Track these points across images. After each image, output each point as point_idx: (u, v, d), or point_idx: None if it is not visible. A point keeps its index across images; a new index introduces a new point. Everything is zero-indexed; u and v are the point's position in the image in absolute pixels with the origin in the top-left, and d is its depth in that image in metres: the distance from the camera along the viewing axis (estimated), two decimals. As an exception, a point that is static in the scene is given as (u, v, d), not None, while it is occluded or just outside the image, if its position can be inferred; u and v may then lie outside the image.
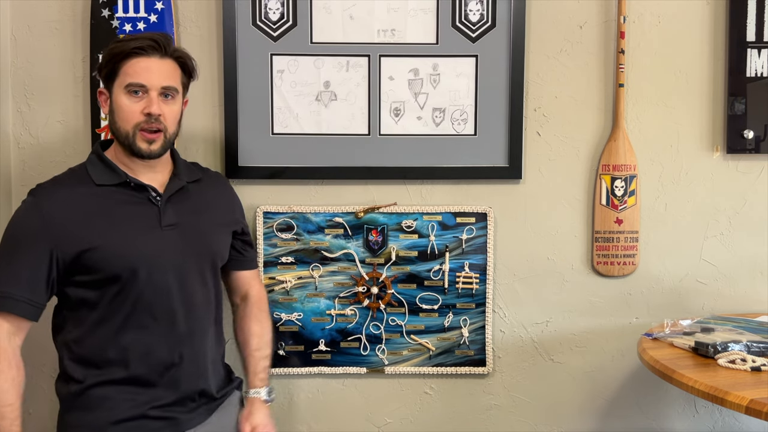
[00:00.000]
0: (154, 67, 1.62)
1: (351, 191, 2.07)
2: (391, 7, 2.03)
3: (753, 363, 1.65)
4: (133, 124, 1.61)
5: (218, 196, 1.84)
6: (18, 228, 1.61)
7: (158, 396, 1.64)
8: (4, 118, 2.02)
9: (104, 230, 1.60)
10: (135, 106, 1.61)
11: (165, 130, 1.64)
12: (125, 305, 1.61)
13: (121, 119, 1.62)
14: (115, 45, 1.63)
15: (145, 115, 1.61)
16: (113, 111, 1.63)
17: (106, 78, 1.64)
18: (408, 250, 2.08)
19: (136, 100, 1.61)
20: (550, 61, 2.08)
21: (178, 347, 1.66)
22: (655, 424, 2.18)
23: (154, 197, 1.67)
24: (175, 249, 1.65)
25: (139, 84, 1.60)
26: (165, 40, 1.64)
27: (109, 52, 1.63)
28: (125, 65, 1.61)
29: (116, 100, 1.62)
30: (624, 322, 2.14)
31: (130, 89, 1.60)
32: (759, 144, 2.10)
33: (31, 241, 1.58)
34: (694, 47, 2.09)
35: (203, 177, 1.81)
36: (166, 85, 1.63)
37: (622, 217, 2.10)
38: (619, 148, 2.08)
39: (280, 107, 2.04)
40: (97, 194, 1.63)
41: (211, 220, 1.77)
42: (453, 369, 2.11)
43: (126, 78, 1.60)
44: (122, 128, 1.62)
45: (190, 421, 1.69)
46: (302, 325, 2.08)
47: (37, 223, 1.58)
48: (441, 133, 2.06)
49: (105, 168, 1.65)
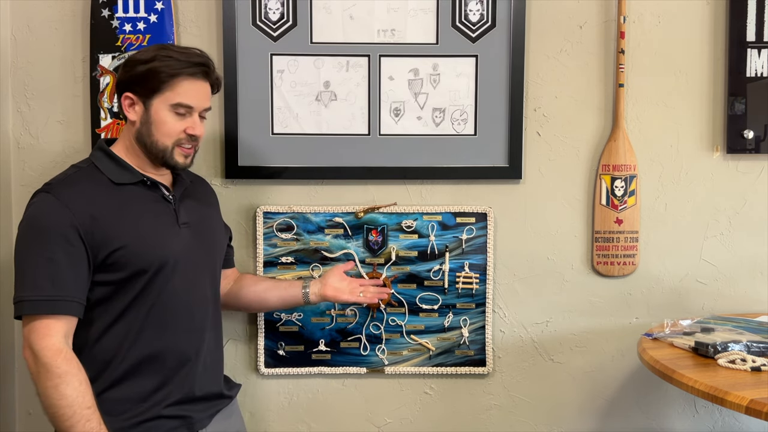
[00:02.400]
0: (202, 90, 1.66)
1: (351, 191, 2.07)
2: (391, 7, 2.03)
3: (753, 363, 1.65)
4: (175, 140, 1.65)
5: (208, 196, 1.88)
6: (49, 225, 1.54)
7: (173, 394, 1.64)
8: (4, 118, 2.02)
9: (131, 228, 1.59)
10: (179, 125, 1.64)
11: (197, 147, 1.71)
12: (146, 303, 1.61)
13: (161, 134, 1.63)
14: (163, 63, 1.60)
15: (188, 134, 1.65)
16: (150, 123, 1.63)
17: (145, 89, 1.62)
18: (408, 250, 2.08)
19: (180, 119, 1.64)
20: (550, 61, 2.08)
21: (192, 344, 1.68)
22: (655, 424, 2.18)
23: (168, 196, 1.69)
24: (191, 247, 1.68)
25: (188, 106, 1.63)
26: (212, 64, 1.68)
27: (157, 69, 1.60)
28: (175, 83, 1.61)
29: (158, 114, 1.62)
30: (624, 322, 2.14)
31: (178, 109, 1.63)
32: (759, 144, 2.10)
33: (68, 238, 1.53)
34: (694, 47, 2.09)
35: (194, 178, 1.85)
36: (206, 107, 1.68)
37: (622, 217, 2.10)
38: (619, 148, 2.08)
39: (280, 107, 2.04)
40: (115, 192, 1.62)
41: (212, 220, 1.82)
42: (453, 369, 2.11)
43: (175, 97, 1.62)
44: (161, 142, 1.64)
45: (202, 420, 1.70)
46: (302, 325, 2.08)
47: (68, 221, 1.54)
48: (441, 133, 2.06)
49: (118, 166, 1.65)
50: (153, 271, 1.60)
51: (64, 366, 1.50)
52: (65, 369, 1.50)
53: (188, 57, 1.63)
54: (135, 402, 1.61)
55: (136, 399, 1.61)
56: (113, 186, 1.63)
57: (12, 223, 2.04)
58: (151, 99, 1.62)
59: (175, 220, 1.67)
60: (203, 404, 1.71)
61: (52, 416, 1.51)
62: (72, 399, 1.49)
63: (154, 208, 1.66)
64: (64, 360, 1.50)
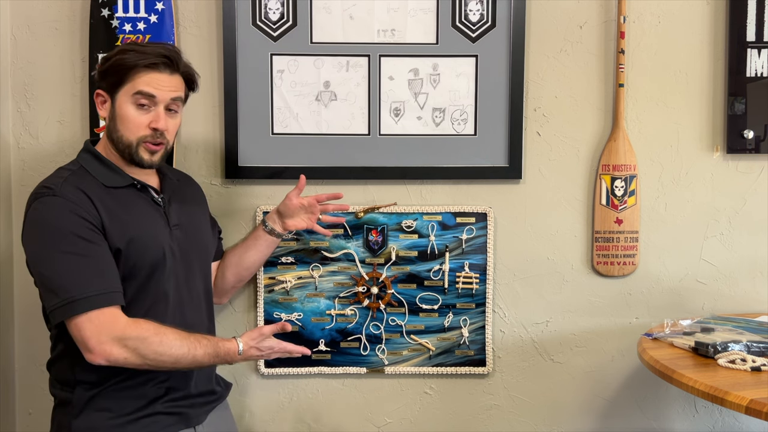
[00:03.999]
0: (165, 81, 1.62)
1: (351, 191, 2.07)
2: (391, 7, 2.02)
3: (753, 363, 1.65)
4: (139, 136, 1.62)
5: (195, 194, 1.88)
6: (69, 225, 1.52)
7: (170, 391, 1.65)
8: (4, 118, 2.02)
9: (126, 231, 1.59)
10: (142, 119, 1.61)
11: (166, 144, 1.66)
12: (143, 305, 1.61)
13: (126, 129, 1.61)
14: (126, 56, 1.60)
15: (151, 129, 1.62)
16: (116, 118, 1.62)
17: (110, 84, 1.62)
18: (408, 250, 2.08)
19: (144, 112, 1.61)
20: (550, 61, 2.08)
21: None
22: (655, 424, 2.18)
23: (157, 199, 1.69)
24: (184, 248, 1.69)
25: (148, 95, 1.60)
26: (177, 56, 1.65)
27: (118, 62, 1.60)
28: (135, 75, 1.60)
29: (121, 109, 1.61)
30: (624, 322, 2.14)
31: (138, 100, 1.60)
32: (759, 144, 2.10)
33: (91, 234, 1.53)
34: (694, 47, 2.09)
35: (181, 177, 1.85)
36: (173, 97, 1.64)
37: (622, 217, 2.10)
38: (619, 148, 2.08)
39: (280, 107, 2.04)
40: (108, 195, 1.61)
41: (201, 219, 1.83)
42: (453, 369, 2.11)
43: (135, 87, 1.60)
44: (125, 138, 1.62)
45: (199, 417, 1.71)
46: (302, 325, 2.08)
47: (84, 219, 1.53)
48: (441, 133, 2.06)
49: (107, 169, 1.64)
50: (147, 274, 1.60)
51: (146, 326, 1.54)
52: (152, 328, 1.54)
53: (153, 49, 1.62)
54: (133, 399, 1.61)
55: (135, 396, 1.62)
56: (104, 189, 1.62)
57: (12, 223, 2.04)
58: (116, 93, 1.61)
59: (166, 222, 1.67)
60: (199, 401, 1.72)
61: (183, 366, 1.58)
62: (183, 338, 1.56)
63: (145, 211, 1.65)
64: (144, 323, 1.54)
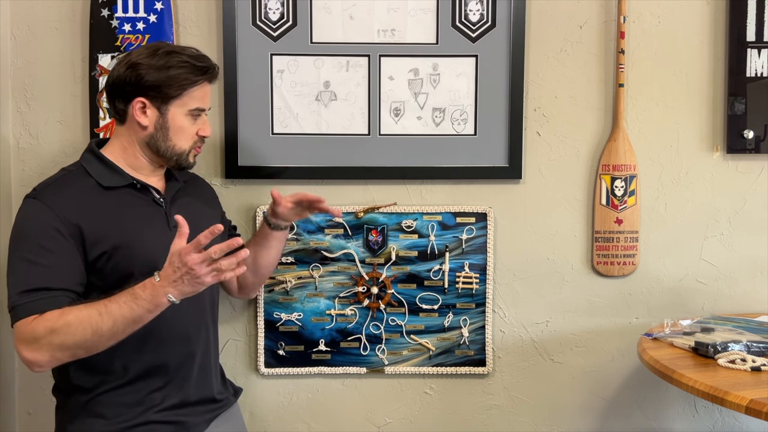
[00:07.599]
0: (209, 92, 1.71)
1: (351, 191, 2.07)
2: (391, 7, 2.02)
3: (753, 363, 1.65)
4: (192, 143, 1.69)
5: (205, 195, 1.88)
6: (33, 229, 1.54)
7: (168, 398, 1.64)
8: (4, 118, 2.02)
9: (118, 232, 1.58)
10: (193, 129, 1.69)
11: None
12: None
13: (180, 139, 1.66)
14: (182, 70, 1.61)
15: (200, 136, 1.70)
16: (168, 128, 1.64)
17: (163, 95, 1.62)
18: (408, 250, 2.08)
19: (194, 121, 1.68)
20: (550, 61, 2.08)
21: (187, 346, 1.67)
22: (655, 424, 2.18)
23: (159, 199, 1.68)
24: None
25: (202, 109, 1.68)
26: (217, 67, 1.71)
27: (177, 75, 1.61)
28: (192, 90, 1.64)
29: (176, 120, 1.65)
30: (624, 322, 2.14)
31: (195, 113, 1.67)
32: (759, 144, 2.10)
33: (57, 237, 1.52)
34: (694, 47, 2.09)
35: (189, 178, 1.84)
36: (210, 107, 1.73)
37: (622, 217, 2.10)
38: (619, 148, 2.08)
39: (280, 107, 2.04)
40: (104, 196, 1.61)
41: (208, 221, 1.77)
42: (453, 369, 2.11)
43: (193, 102, 1.65)
44: (178, 147, 1.66)
45: (198, 425, 1.69)
46: (302, 325, 2.08)
47: (53, 223, 1.53)
48: (441, 133, 2.06)
49: (107, 169, 1.64)
50: (142, 277, 1.56)
51: (50, 315, 1.46)
52: (55, 314, 1.46)
53: (202, 62, 1.66)
54: (130, 407, 1.60)
55: (132, 404, 1.61)
56: (102, 189, 1.61)
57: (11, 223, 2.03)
58: (167, 105, 1.63)
59: (166, 223, 1.66)
60: (199, 409, 1.70)
61: (109, 331, 1.46)
62: (90, 306, 1.47)
63: (143, 212, 1.64)
64: (48, 314, 1.47)
